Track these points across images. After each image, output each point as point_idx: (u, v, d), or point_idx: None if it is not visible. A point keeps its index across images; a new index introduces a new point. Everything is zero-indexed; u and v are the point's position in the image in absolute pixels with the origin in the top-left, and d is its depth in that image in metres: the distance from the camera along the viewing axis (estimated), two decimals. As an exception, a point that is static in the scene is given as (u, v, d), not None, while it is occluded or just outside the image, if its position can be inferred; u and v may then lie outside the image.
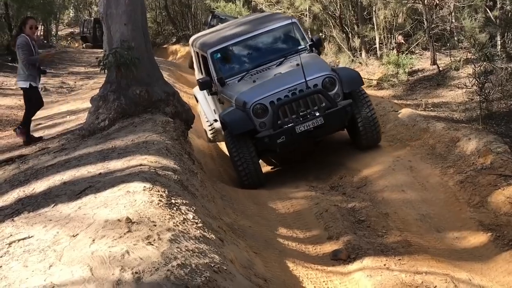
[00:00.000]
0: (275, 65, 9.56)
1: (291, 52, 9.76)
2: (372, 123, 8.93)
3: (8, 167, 7.97)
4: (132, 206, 5.02)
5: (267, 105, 8.56)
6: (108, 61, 8.29)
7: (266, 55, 9.88)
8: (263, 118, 8.56)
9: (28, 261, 4.26)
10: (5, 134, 10.94)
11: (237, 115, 8.66)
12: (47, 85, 16.18)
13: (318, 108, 8.56)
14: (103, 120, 8.24)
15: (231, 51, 10.01)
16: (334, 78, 8.78)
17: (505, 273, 5.79)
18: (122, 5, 8.35)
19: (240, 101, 8.77)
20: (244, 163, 8.46)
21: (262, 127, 8.57)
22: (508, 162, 7.35)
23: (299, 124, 8.37)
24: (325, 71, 8.88)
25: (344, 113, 8.57)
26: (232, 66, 9.91)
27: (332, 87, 8.72)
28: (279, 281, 5.37)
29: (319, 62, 9.45)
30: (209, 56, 9.80)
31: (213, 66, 9.77)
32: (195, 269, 4.17)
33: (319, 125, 8.41)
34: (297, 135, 8.40)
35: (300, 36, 10.05)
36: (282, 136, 8.35)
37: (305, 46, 9.89)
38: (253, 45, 10.03)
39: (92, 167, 6.46)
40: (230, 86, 9.43)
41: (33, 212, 5.47)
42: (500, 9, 11.58)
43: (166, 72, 14.10)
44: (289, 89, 8.61)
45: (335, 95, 8.71)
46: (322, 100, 8.62)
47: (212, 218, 5.86)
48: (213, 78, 9.70)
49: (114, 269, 3.88)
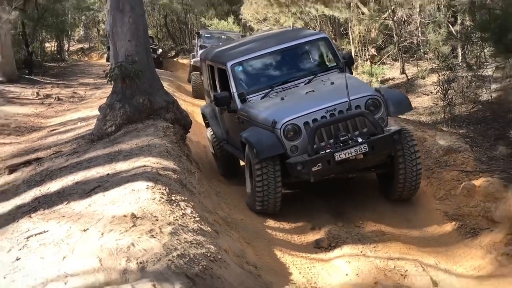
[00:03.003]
0: (303, 82, 7.48)
1: (321, 69, 7.80)
2: (415, 176, 6.70)
3: (26, 169, 7.95)
4: (136, 203, 5.01)
5: (301, 126, 6.47)
6: (114, 74, 8.29)
7: (294, 72, 7.80)
8: (295, 141, 6.46)
9: (44, 254, 4.25)
10: (23, 139, 10.88)
11: (265, 136, 6.57)
12: (60, 95, 16.11)
13: (359, 133, 6.42)
14: (110, 126, 8.23)
15: (255, 64, 7.89)
16: (379, 100, 6.64)
17: (467, 258, 5.82)
18: (126, 24, 8.35)
19: (267, 120, 6.67)
20: (266, 191, 6.60)
21: (293, 152, 6.47)
22: (468, 159, 7.38)
23: (339, 151, 6.21)
24: (368, 92, 6.76)
25: (392, 141, 6.34)
26: (255, 81, 7.73)
27: (376, 110, 6.60)
28: (268, 268, 5.37)
29: (359, 82, 7.46)
30: (229, 69, 7.63)
31: (233, 80, 7.60)
32: (193, 258, 4.17)
33: (362, 153, 6.25)
34: (335, 164, 6.25)
35: (332, 53, 7.97)
36: (318, 164, 6.20)
37: (338, 64, 7.75)
38: (279, 60, 7.93)
39: (101, 168, 6.44)
40: (253, 104, 7.32)
41: (48, 209, 5.46)
42: (460, 24, 11.65)
43: (166, 82, 14.06)
44: (328, 109, 6.50)
45: (379, 119, 6.54)
46: (364, 124, 6.47)
47: (208, 213, 5.86)
48: (232, 93, 7.55)
49: (121, 260, 3.87)
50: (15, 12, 19.04)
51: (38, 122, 12.51)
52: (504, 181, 6.60)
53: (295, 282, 5.21)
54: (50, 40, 26.87)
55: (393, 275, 5.31)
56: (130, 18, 8.35)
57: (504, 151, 7.47)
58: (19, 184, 7.16)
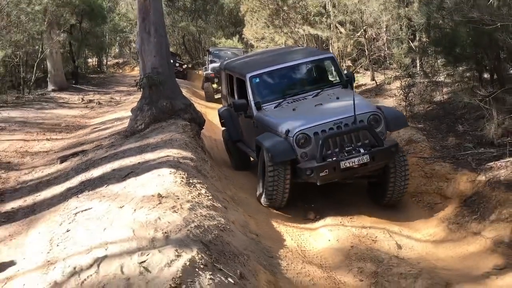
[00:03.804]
0: (311, 95, 6.98)
1: (327, 84, 7.34)
2: (403, 185, 6.22)
3: (74, 159, 7.94)
4: (162, 185, 5.00)
5: (311, 136, 6.01)
6: (143, 82, 8.28)
7: (304, 85, 7.36)
8: (305, 148, 6.00)
9: (89, 226, 4.25)
10: (72, 135, 10.86)
11: (279, 142, 6.11)
12: (100, 100, 16.07)
13: (361, 145, 5.99)
14: (140, 125, 8.20)
15: (270, 77, 7.38)
16: (379, 116, 6.20)
17: (425, 226, 5.85)
18: (152, 43, 8.31)
19: (281, 128, 6.22)
20: (275, 190, 6.16)
21: (303, 157, 6.02)
22: (425, 148, 7.37)
23: (344, 159, 5.80)
24: (370, 108, 6.28)
25: (389, 153, 5.96)
26: (270, 92, 7.21)
27: (376, 125, 6.16)
28: (267, 235, 5.38)
29: (361, 99, 6.82)
30: (248, 80, 7.17)
31: (251, 90, 7.10)
32: (207, 229, 4.18)
33: (364, 162, 5.83)
34: (340, 171, 5.84)
35: (337, 70, 7.49)
36: (325, 170, 5.82)
37: (341, 81, 7.31)
38: (291, 74, 7.48)
39: (133, 158, 6.43)
40: (267, 112, 6.82)
41: (92, 191, 5.45)
42: (418, 40, 11.56)
43: (184, 89, 14.00)
44: (335, 122, 6.04)
45: (379, 133, 6.10)
46: (366, 137, 6.03)
47: (219, 192, 5.86)
48: (249, 101, 7.08)
49: (150, 230, 3.87)
50: (64, 34, 19.02)
51: (83, 122, 12.49)
52: (453, 165, 6.61)
53: (288, 247, 5.22)
54: (92, 56, 26.79)
55: (365, 240, 5.32)
56: (155, 38, 8.31)
57: (453, 141, 7.47)
58: (69, 171, 7.15)
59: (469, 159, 6.64)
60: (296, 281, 4.37)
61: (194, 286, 3.12)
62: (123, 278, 3.20)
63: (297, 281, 4.37)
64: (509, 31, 6.46)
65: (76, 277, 3.28)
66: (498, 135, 6.80)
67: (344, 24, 14.66)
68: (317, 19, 14.88)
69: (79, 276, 3.30)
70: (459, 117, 8.31)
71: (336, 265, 4.86)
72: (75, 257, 3.59)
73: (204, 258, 3.55)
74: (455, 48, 7.93)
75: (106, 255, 3.50)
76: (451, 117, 8.50)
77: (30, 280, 3.50)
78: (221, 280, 3.37)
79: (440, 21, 8.71)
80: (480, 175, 6.15)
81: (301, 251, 5.17)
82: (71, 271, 3.37)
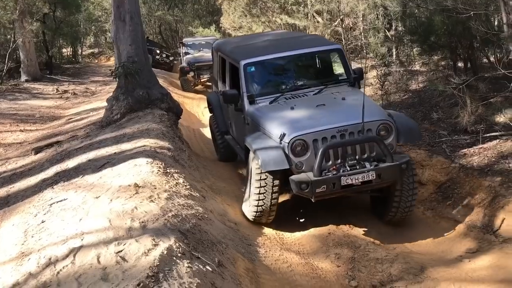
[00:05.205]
0: (312, 92, 5.91)
1: (331, 81, 6.21)
2: (410, 203, 5.30)
3: (49, 150, 7.82)
4: (138, 175, 4.97)
5: (309, 143, 4.96)
6: (118, 72, 8.16)
7: (305, 79, 6.26)
8: (301, 157, 4.96)
9: (64, 217, 4.20)
10: (46, 126, 10.67)
11: (271, 148, 5.10)
12: (75, 90, 15.80)
13: (367, 157, 4.99)
14: (116, 115, 8.10)
15: (268, 66, 6.32)
16: (391, 126, 5.14)
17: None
18: (127, 31, 8.19)
19: (276, 131, 5.18)
20: (261, 201, 5.21)
21: (298, 168, 4.97)
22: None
23: (345, 175, 4.80)
24: (381, 116, 5.18)
25: (399, 171, 4.96)
26: (266, 84, 6.19)
27: (386, 135, 5.10)
28: (245, 224, 5.40)
29: (371, 103, 5.56)
30: (242, 68, 6.08)
31: (244, 80, 6.02)
32: (185, 218, 4.17)
33: (368, 180, 4.84)
34: (340, 187, 4.84)
35: (344, 65, 6.37)
36: (323, 186, 4.81)
37: (348, 78, 6.23)
38: (292, 65, 6.39)
39: (109, 148, 6.36)
40: (261, 108, 5.76)
41: (67, 182, 5.38)
42: (394, 29, 11.65)
43: (162, 79, 13.88)
44: (339, 129, 4.98)
45: (389, 145, 5.03)
46: (373, 149, 5.00)
47: (197, 182, 5.84)
48: (242, 93, 6.01)
49: (126, 220, 3.85)
50: (36, 23, 18.60)
51: (58, 113, 12.28)
52: (428, 152, 6.72)
53: (267, 234, 5.25)
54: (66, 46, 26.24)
55: (343, 227, 5.37)
56: (130, 27, 8.19)
57: (428, 128, 7.58)
58: (43, 162, 7.04)
59: (443, 146, 6.75)
60: (274, 268, 4.40)
61: (172, 275, 3.11)
62: (99, 267, 3.17)
63: (275, 268, 4.40)
64: (482, 20, 6.57)
65: (51, 268, 3.25)
66: (471, 122, 6.93)
67: (321, 13, 14.68)
68: (294, 8, 14.86)
69: (55, 266, 3.26)
70: (434, 105, 8.43)
71: (314, 251, 4.91)
72: (50, 248, 3.54)
73: (182, 246, 3.54)
74: (430, 37, 8.04)
75: (82, 245, 3.47)
76: (426, 105, 8.62)
77: (4, 272, 3.44)
78: (199, 268, 3.37)
79: (416, 10, 8.81)
80: (454, 161, 6.28)
81: (279, 239, 5.20)
82: (46, 262, 3.33)
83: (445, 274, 4.33)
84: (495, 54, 7.62)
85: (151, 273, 3.05)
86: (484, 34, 6.52)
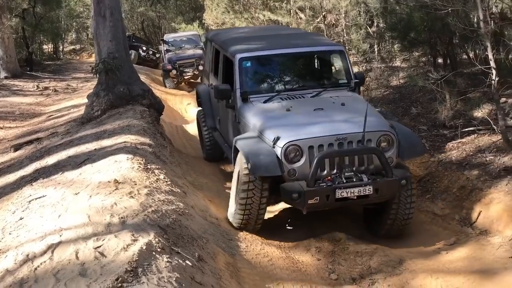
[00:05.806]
0: (310, 94, 5.56)
1: (331, 84, 5.89)
2: (406, 219, 5.01)
3: (28, 147, 7.73)
4: (118, 171, 4.95)
5: (304, 150, 4.64)
6: (99, 68, 8.07)
7: (303, 80, 5.94)
8: (294, 163, 4.64)
9: (43, 213, 4.17)
10: (26, 123, 10.53)
11: (263, 152, 4.73)
12: (56, 87, 15.60)
13: (365, 169, 4.69)
14: (97, 111, 8.03)
15: (266, 63, 5.97)
16: (392, 138, 4.81)
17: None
18: (107, 26, 8.10)
19: (269, 133, 4.85)
20: (248, 209, 4.86)
21: (290, 175, 4.65)
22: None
23: (341, 188, 4.51)
24: (383, 127, 4.86)
25: (398, 186, 4.68)
26: (261, 81, 5.87)
27: (387, 148, 4.79)
28: (227, 219, 5.40)
29: (373, 111, 5.21)
30: (237, 62, 5.71)
31: (239, 75, 5.66)
32: (165, 213, 4.17)
33: (364, 194, 4.56)
34: (334, 200, 4.55)
35: (346, 68, 5.93)
36: (316, 197, 4.51)
37: (348, 82, 5.84)
38: (291, 64, 6.08)
39: (89, 145, 6.31)
40: (255, 107, 5.39)
41: (46, 178, 5.33)
42: (376, 26, 11.75)
43: (144, 76, 13.78)
44: (338, 137, 4.68)
45: (388, 158, 4.72)
46: (372, 161, 4.71)
47: (178, 178, 5.83)
48: (234, 89, 5.66)
49: (106, 216, 3.84)
50: (16, 19, 18.31)
51: (38, 110, 12.11)
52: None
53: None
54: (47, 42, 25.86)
55: (324, 221, 5.40)
56: (110, 22, 8.10)
57: (408, 123, 7.68)
58: (23, 159, 6.95)
59: (423, 141, 6.85)
60: (255, 262, 4.43)
61: (151, 269, 3.11)
62: (77, 263, 3.16)
63: (256, 262, 4.43)
64: (461, 16, 6.67)
65: (29, 264, 3.22)
66: (449, 117, 7.04)
67: (304, 10, 14.72)
68: (277, 4, 14.87)
69: (32, 263, 3.23)
70: (414, 101, 8.54)
71: (295, 245, 4.95)
72: (28, 244, 3.51)
73: (162, 241, 3.54)
74: (410, 33, 8.13)
75: (60, 241, 3.45)
76: (406, 100, 8.73)
77: (-19, 269, 3.40)
78: (179, 262, 3.37)
79: (397, 7, 8.90)
80: (433, 156, 6.38)
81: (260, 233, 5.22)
82: (23, 258, 3.31)
83: (423, 266, 4.40)
84: (474, 50, 7.74)
85: (130, 268, 3.05)
86: (462, 30, 6.62)
